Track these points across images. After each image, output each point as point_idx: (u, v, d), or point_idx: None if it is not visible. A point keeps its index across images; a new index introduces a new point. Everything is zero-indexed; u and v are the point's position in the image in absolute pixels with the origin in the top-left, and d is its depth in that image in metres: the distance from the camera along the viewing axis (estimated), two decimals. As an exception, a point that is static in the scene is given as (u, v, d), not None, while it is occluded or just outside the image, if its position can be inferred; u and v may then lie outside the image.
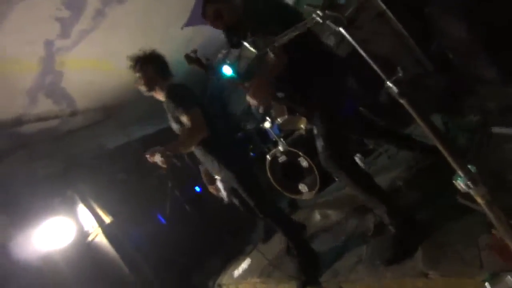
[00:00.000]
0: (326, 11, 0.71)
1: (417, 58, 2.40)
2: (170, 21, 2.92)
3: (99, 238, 2.91)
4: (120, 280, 2.88)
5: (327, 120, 1.35)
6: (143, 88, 1.88)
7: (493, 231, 0.86)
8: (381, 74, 0.74)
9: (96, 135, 3.79)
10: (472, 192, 0.66)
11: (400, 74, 0.71)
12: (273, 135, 2.94)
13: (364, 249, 1.47)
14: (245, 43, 0.87)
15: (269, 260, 2.19)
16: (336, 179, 1.94)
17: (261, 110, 1.24)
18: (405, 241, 1.26)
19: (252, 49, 0.85)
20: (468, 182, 0.66)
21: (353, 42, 0.75)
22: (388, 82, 0.72)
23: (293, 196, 2.93)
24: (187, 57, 1.71)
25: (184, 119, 1.73)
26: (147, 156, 1.61)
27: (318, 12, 0.72)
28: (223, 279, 2.61)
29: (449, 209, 1.18)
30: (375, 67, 0.74)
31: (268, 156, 2.93)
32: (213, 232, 3.33)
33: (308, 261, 1.74)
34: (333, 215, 2.28)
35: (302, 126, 2.81)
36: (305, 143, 2.77)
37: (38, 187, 3.09)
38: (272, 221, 1.93)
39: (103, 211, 3.00)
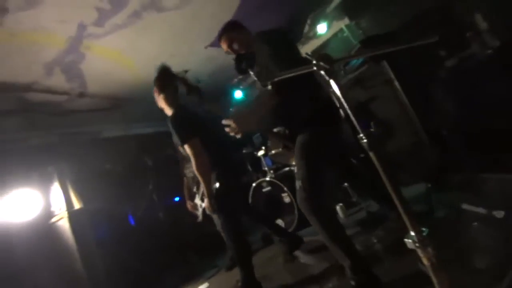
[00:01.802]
0: (320, 63, 0.81)
1: (415, 129, 2.53)
2: (199, 38, 3.14)
3: (63, 222, 2.79)
4: (70, 272, 2.71)
5: (307, 163, 1.37)
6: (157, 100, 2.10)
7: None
8: (356, 126, 0.80)
9: (96, 121, 3.84)
10: (419, 252, 0.69)
11: (372, 129, 0.77)
12: (264, 165, 2.99)
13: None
14: (251, 72, 0.96)
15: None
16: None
17: (238, 136, 1.27)
18: None
19: (255, 77, 0.94)
20: (417, 242, 0.69)
21: (338, 93, 0.83)
22: (361, 134, 0.78)
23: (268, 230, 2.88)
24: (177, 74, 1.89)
25: (185, 149, 1.89)
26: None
27: (314, 61, 0.81)
28: (175, 298, 2.46)
29: (412, 274, 1.18)
30: (352, 118, 0.81)
31: (254, 183, 2.95)
32: (180, 247, 3.20)
33: None
34: (301, 256, 2.23)
35: (293, 162, 2.88)
36: (292, 181, 2.81)
37: (23, 155, 3.06)
38: (232, 248, 1.94)
39: (75, 196, 2.92)
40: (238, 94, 4.81)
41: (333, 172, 1.66)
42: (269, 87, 0.95)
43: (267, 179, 2.83)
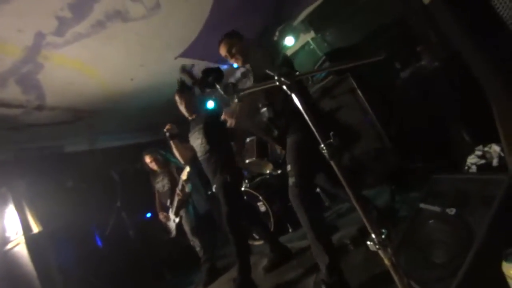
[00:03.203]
0: (282, 78, 0.87)
1: (378, 134, 2.70)
2: (169, 47, 3.09)
3: (20, 248, 2.53)
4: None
5: (301, 161, 1.48)
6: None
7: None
8: (318, 137, 0.85)
9: (57, 136, 3.58)
10: (380, 252, 0.74)
11: (332, 140, 0.83)
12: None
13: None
14: (217, 86, 0.99)
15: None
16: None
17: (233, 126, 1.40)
18: None
19: (221, 91, 0.97)
20: (377, 244, 0.75)
21: (300, 106, 0.88)
22: (322, 145, 0.83)
23: (249, 239, 2.86)
24: (183, 66, 1.91)
25: None
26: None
27: (276, 77, 0.88)
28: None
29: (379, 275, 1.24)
30: (314, 130, 0.86)
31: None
32: (152, 265, 3.04)
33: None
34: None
35: (267, 171, 2.91)
36: (267, 189, 2.84)
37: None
38: (233, 238, 2.00)
39: (34, 218, 2.67)
40: (210, 104, 4.80)
41: (322, 172, 1.75)
42: (236, 100, 0.98)
43: (242, 189, 2.83)
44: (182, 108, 2.35)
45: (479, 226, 0.92)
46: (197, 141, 2.25)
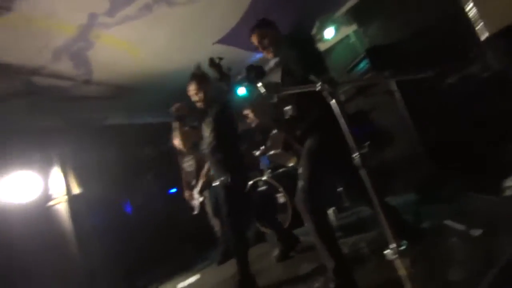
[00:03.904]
0: (325, 85, 0.88)
1: (412, 140, 2.57)
2: (207, 34, 3.17)
3: (61, 206, 2.86)
4: (65, 254, 2.78)
5: (312, 166, 1.47)
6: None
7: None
8: (352, 144, 0.86)
9: (100, 109, 3.88)
10: (397, 262, 0.75)
11: (366, 150, 0.83)
12: (262, 164, 3.05)
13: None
14: (259, 83, 1.01)
15: (219, 281, 2.17)
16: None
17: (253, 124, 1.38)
18: None
19: (263, 89, 0.99)
20: (396, 253, 0.75)
21: (339, 112, 0.89)
22: (356, 153, 0.84)
23: (261, 228, 2.95)
24: (211, 60, 1.89)
25: None
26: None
27: (319, 84, 0.89)
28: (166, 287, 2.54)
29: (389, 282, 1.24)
30: (348, 137, 0.87)
31: (250, 182, 3.00)
32: (174, 238, 3.28)
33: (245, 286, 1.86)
34: (292, 255, 2.29)
35: (291, 164, 2.93)
36: (288, 181, 2.86)
37: (26, 138, 3.11)
38: (232, 238, 1.99)
39: (75, 180, 2.98)
40: (241, 91, 4.85)
41: (333, 178, 1.73)
42: (275, 99, 1.01)
43: (264, 178, 2.89)
44: (199, 98, 2.20)
45: (506, 247, 0.88)
46: (205, 133, 2.18)
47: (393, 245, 0.78)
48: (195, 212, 3.12)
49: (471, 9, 1.97)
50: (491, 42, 1.38)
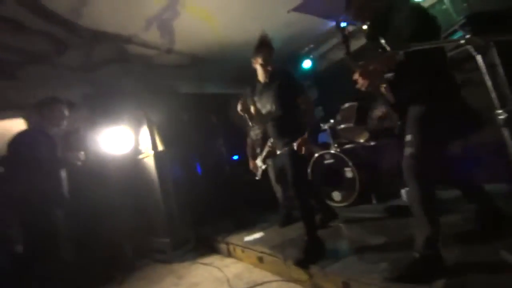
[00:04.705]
0: (473, 37, 0.82)
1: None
2: (282, 2, 3.12)
3: (149, 159, 3.33)
4: (151, 197, 3.30)
5: (423, 134, 1.42)
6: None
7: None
8: (496, 99, 0.80)
9: (176, 76, 4.25)
10: None
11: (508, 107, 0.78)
12: (329, 137, 3.03)
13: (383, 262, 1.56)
14: (382, 39, 1.00)
15: (284, 240, 2.34)
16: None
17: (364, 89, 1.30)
18: (419, 271, 1.33)
19: (387, 46, 0.98)
20: None
21: (483, 69, 0.84)
22: (499, 110, 0.80)
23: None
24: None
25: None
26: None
27: (467, 36, 0.83)
28: (233, 239, 2.83)
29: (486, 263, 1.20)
30: (495, 93, 0.81)
31: (316, 154, 3.04)
32: (237, 199, 3.59)
33: (313, 245, 1.96)
34: (357, 228, 2.34)
35: (361, 140, 2.86)
36: (357, 157, 2.82)
37: (119, 99, 3.63)
38: (297, 198, 2.06)
39: (159, 139, 3.41)
40: (306, 64, 4.74)
41: (443, 149, 1.63)
42: (401, 55, 0.99)
43: (332, 151, 2.89)
44: (265, 70, 2.17)
45: None
46: (267, 105, 2.20)
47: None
48: (257, 178, 3.33)
49: None
50: None
